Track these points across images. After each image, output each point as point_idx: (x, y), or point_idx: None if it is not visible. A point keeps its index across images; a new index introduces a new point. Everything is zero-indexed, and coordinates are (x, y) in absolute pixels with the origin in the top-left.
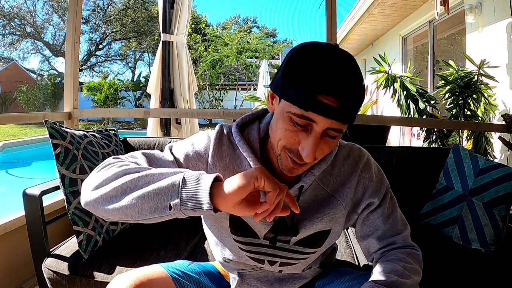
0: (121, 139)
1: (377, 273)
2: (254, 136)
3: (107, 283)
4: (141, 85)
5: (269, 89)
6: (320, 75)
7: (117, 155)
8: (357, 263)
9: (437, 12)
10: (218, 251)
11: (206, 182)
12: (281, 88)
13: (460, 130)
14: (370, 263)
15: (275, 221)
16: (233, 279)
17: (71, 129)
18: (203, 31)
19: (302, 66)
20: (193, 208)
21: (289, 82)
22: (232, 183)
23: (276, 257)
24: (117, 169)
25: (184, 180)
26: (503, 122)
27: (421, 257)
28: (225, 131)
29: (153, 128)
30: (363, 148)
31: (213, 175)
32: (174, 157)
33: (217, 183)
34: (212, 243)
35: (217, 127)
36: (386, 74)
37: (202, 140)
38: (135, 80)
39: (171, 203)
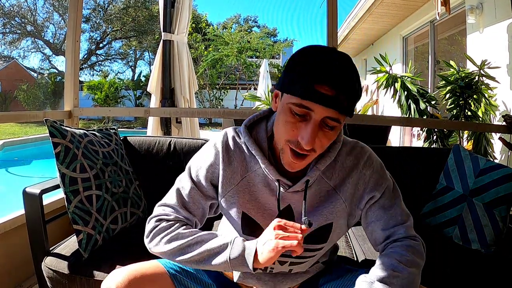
0: (121, 138)
1: (373, 268)
2: (262, 134)
3: None
4: (141, 84)
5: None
6: (317, 67)
7: (162, 215)
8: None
9: (438, 13)
10: None
11: (249, 263)
12: (282, 83)
13: (460, 131)
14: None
15: (280, 212)
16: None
17: (71, 128)
18: (203, 30)
19: (302, 61)
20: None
21: (289, 76)
22: (265, 257)
23: (286, 256)
24: (178, 244)
25: (230, 259)
26: (504, 123)
27: (421, 246)
28: (229, 136)
29: (153, 127)
30: (366, 146)
31: (252, 257)
32: (194, 182)
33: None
34: None
35: (222, 134)
36: (387, 74)
37: (210, 152)
38: (135, 79)
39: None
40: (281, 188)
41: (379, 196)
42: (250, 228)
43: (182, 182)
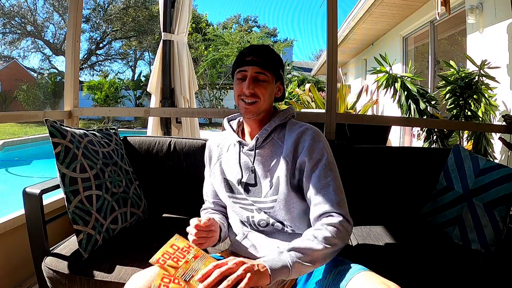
0: (121, 138)
1: (295, 240)
2: (234, 123)
3: (107, 282)
4: (141, 84)
5: None
6: (249, 47)
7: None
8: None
9: (438, 13)
10: (230, 218)
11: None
12: (232, 75)
13: (460, 131)
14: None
15: (241, 168)
16: (239, 236)
17: (71, 128)
18: (203, 30)
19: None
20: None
21: (232, 67)
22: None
23: (255, 205)
24: None
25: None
26: (504, 123)
27: (344, 227)
28: (212, 138)
29: (153, 127)
30: (317, 128)
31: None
32: (207, 178)
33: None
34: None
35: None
36: (387, 74)
37: (205, 150)
38: (135, 79)
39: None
40: (242, 148)
41: (314, 163)
42: (228, 188)
43: (207, 192)
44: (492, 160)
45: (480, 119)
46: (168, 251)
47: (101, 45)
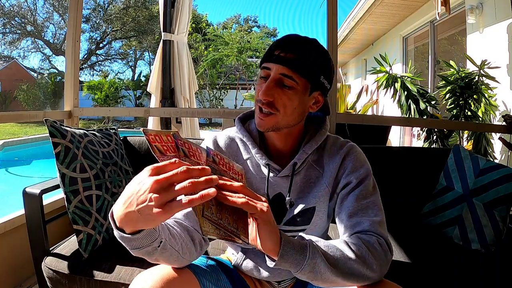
0: (121, 138)
1: (324, 242)
2: (253, 125)
3: (106, 282)
4: (141, 84)
5: None
6: (282, 39)
7: None
8: None
9: (438, 13)
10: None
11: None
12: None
13: (460, 131)
14: None
15: (271, 200)
16: (235, 256)
17: (71, 128)
18: (203, 30)
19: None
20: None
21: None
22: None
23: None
24: None
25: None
26: (504, 123)
27: (381, 248)
28: (219, 135)
29: (153, 127)
30: (357, 146)
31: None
32: None
33: None
34: None
35: (211, 135)
36: (387, 74)
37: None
38: (135, 79)
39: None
40: (271, 173)
41: (355, 184)
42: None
43: None
44: (492, 160)
45: (480, 119)
46: (162, 138)
47: (101, 45)
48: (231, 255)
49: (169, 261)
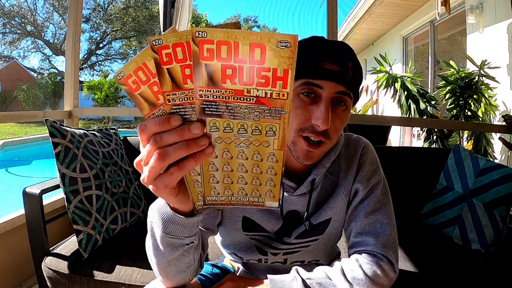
0: (121, 138)
1: (318, 268)
2: None
3: (107, 282)
4: None
5: None
6: (323, 49)
7: None
8: None
9: (438, 13)
10: (226, 246)
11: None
12: None
13: (460, 131)
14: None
15: (284, 217)
16: (238, 270)
17: (71, 128)
18: None
19: (306, 46)
20: None
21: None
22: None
23: (279, 249)
24: None
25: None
26: (504, 123)
27: (383, 273)
28: None
29: None
30: (371, 146)
31: None
32: None
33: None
34: (220, 241)
35: None
36: (387, 74)
37: None
38: None
39: None
40: (285, 193)
41: (365, 193)
42: (251, 228)
43: None
44: (492, 160)
45: (480, 119)
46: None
47: (101, 45)
48: (233, 262)
49: (173, 272)
